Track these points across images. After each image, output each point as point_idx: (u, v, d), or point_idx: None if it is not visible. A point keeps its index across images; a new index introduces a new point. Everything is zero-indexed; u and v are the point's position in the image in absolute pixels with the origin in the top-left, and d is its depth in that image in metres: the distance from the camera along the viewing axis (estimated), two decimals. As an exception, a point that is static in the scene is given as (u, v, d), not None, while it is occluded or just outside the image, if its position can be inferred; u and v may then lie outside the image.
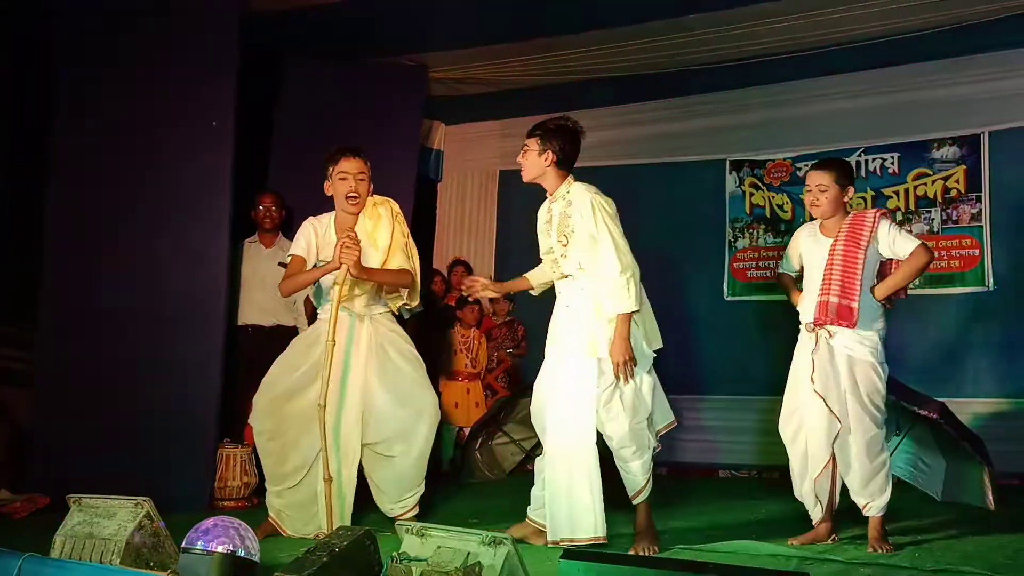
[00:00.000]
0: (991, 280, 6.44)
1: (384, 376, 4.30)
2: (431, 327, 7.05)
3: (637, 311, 3.90)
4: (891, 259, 4.14)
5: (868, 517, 4.06)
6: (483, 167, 8.29)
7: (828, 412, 4.01)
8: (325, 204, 4.43)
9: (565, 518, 3.88)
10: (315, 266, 4.26)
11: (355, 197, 4.26)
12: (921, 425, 5.22)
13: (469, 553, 2.61)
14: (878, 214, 4.13)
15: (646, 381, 4.00)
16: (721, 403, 7.07)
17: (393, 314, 4.47)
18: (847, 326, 4.01)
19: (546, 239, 4.21)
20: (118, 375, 5.02)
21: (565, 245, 4.04)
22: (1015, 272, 6.37)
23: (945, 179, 6.67)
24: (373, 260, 4.26)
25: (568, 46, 6.66)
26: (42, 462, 4.97)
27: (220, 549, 2.83)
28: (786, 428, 4.20)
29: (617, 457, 3.98)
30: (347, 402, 4.24)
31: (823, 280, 4.10)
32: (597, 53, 6.71)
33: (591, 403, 3.90)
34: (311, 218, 4.42)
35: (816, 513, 4.14)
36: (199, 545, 2.84)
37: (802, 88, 7.01)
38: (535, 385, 4.21)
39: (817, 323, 4.10)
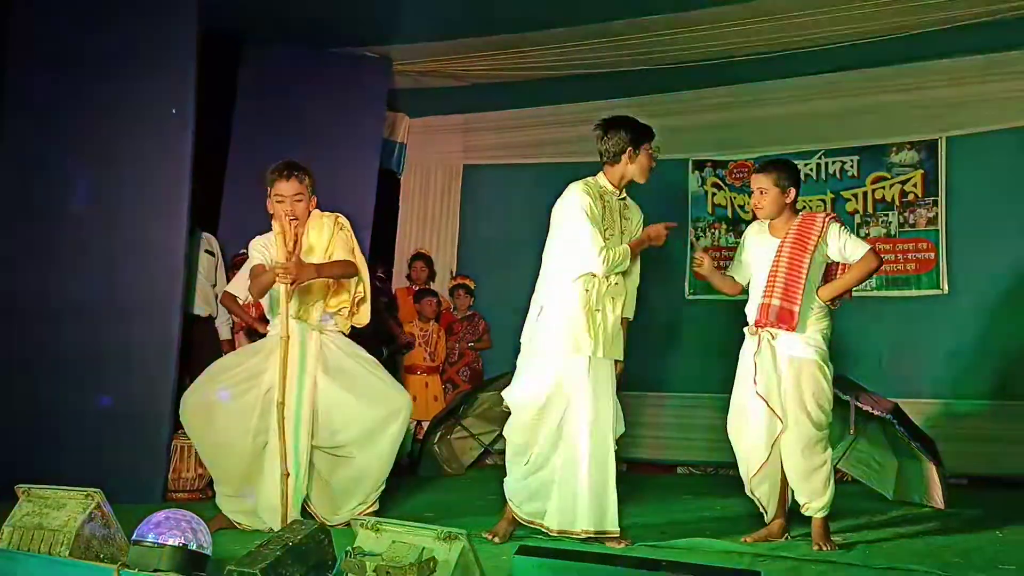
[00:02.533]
0: (946, 283, 6.54)
1: (343, 378, 4.28)
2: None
3: None
4: (839, 262, 4.17)
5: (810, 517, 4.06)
6: (446, 161, 8.26)
7: (770, 413, 4.03)
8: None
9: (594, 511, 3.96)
10: None
11: (293, 220, 4.21)
12: (874, 424, 5.30)
13: (424, 548, 2.60)
14: (828, 217, 4.15)
15: None
16: (680, 400, 7.12)
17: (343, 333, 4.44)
18: (787, 329, 4.03)
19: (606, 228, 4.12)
20: (71, 365, 4.94)
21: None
22: (969, 276, 6.47)
23: (903, 183, 6.76)
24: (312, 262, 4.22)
25: (533, 43, 6.65)
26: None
27: (171, 542, 2.79)
28: (732, 428, 4.22)
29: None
30: (300, 405, 4.19)
31: (767, 282, 4.10)
32: (561, 51, 6.70)
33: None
34: (257, 238, 4.35)
35: (768, 511, 4.18)
36: (150, 538, 2.81)
37: (765, 90, 7.07)
38: (560, 386, 4.01)
39: (758, 324, 4.12)
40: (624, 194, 4.27)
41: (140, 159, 5.10)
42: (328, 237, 4.30)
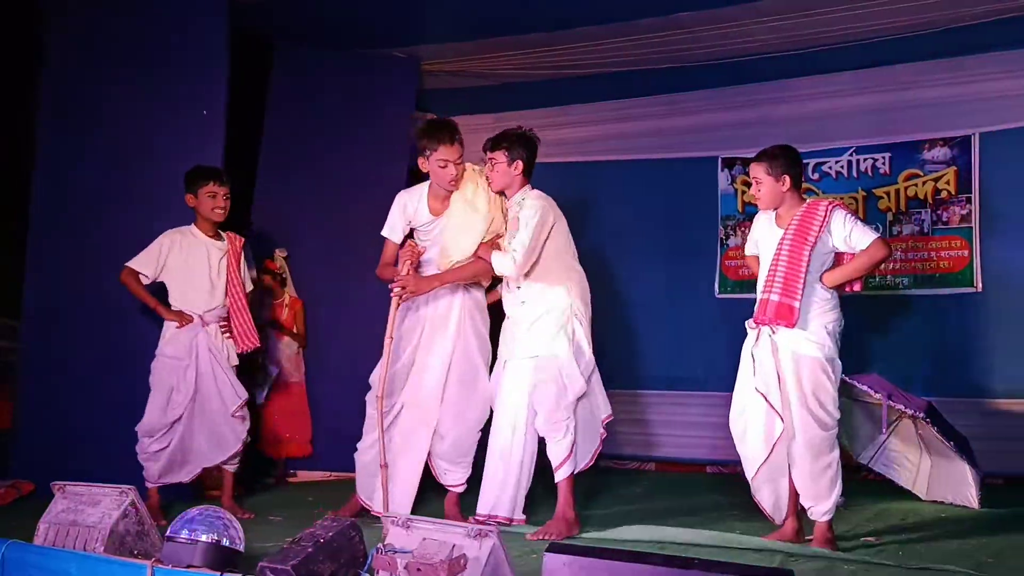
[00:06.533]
0: (979, 281, 6.45)
1: (464, 359, 4.53)
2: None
3: None
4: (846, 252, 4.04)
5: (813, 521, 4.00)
6: (475, 160, 8.23)
7: (769, 411, 3.94)
8: (315, 191, 4.37)
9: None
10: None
11: (456, 182, 4.50)
12: (907, 423, 5.24)
13: (454, 545, 2.61)
14: (831, 205, 4.02)
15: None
16: (710, 399, 7.05)
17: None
18: (787, 326, 3.91)
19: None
20: (105, 364, 5.01)
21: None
22: (1003, 273, 6.38)
23: (936, 180, 6.68)
24: (477, 227, 4.49)
25: (561, 41, 6.64)
26: (27, 449, 4.96)
27: (204, 538, 2.83)
28: (735, 427, 4.17)
29: None
30: (432, 364, 4.48)
31: (767, 276, 4.00)
32: (591, 49, 6.68)
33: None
34: (403, 192, 4.66)
35: (775, 515, 4.10)
36: (183, 534, 2.84)
37: (794, 86, 7.00)
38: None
39: (757, 321, 4.02)
40: (511, 200, 4.58)
41: (172, 160, 5.15)
42: (485, 197, 4.58)
